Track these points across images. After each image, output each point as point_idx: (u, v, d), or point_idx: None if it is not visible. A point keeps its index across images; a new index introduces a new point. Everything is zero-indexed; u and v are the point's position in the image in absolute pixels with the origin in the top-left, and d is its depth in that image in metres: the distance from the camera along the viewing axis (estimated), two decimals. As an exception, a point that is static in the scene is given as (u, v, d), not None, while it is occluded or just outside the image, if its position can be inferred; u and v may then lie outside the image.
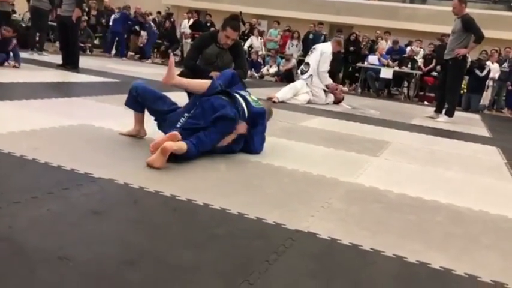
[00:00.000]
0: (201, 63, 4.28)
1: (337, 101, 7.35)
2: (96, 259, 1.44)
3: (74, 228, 1.63)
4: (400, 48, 11.44)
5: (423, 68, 10.99)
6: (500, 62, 10.76)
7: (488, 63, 10.32)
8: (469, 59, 8.67)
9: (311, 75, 7.05)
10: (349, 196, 2.47)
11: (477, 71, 10.01)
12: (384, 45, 11.93)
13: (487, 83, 10.48)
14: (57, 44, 9.67)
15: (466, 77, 9.75)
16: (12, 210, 1.70)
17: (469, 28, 6.45)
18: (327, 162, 3.23)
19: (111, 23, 12.77)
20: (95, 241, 1.56)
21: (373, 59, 11.19)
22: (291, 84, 7.25)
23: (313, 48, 7.36)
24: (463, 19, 6.49)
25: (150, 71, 9.21)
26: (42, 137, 2.86)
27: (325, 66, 7.11)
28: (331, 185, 2.62)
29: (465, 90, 10.22)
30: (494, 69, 10.41)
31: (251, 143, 3.07)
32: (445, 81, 6.84)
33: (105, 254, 1.48)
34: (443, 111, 6.97)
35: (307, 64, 7.19)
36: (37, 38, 9.47)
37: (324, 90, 7.20)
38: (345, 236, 1.86)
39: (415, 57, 11.15)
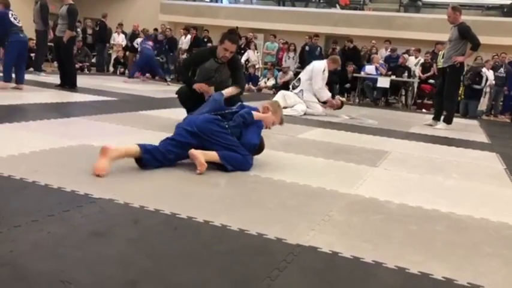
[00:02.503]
0: (199, 77, 4.33)
1: (336, 108, 7.45)
2: (98, 281, 1.44)
3: (75, 251, 1.63)
4: (398, 56, 11.52)
5: (421, 75, 11.03)
6: (496, 68, 10.82)
7: (484, 70, 10.37)
8: (467, 66, 8.75)
9: (301, 90, 7.15)
10: (350, 208, 2.47)
11: (475, 86, 10.08)
12: (383, 53, 12.01)
13: (484, 89, 10.53)
14: (55, 64, 9.76)
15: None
16: (13, 234, 1.70)
17: (466, 36, 6.51)
18: (327, 174, 3.23)
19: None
20: (97, 263, 1.56)
21: (370, 69, 11.25)
22: (280, 93, 7.31)
23: (308, 65, 7.48)
24: (459, 27, 6.55)
25: (148, 89, 9.27)
26: (42, 158, 2.87)
27: (318, 84, 7.15)
28: (332, 197, 2.63)
29: (462, 97, 10.27)
30: (490, 76, 10.48)
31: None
32: (443, 89, 6.88)
33: (107, 275, 1.48)
34: (442, 118, 7.00)
35: (299, 79, 7.32)
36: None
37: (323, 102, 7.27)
38: (347, 249, 1.86)
39: (408, 65, 11.22)
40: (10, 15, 6.44)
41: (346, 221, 2.24)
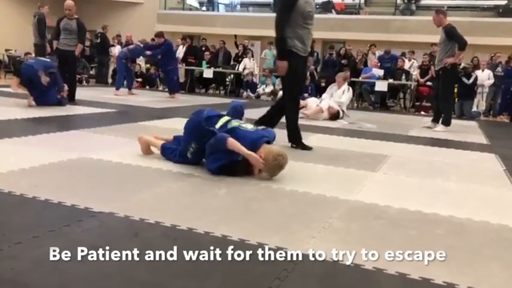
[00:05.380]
0: None
1: (331, 117, 7.42)
2: (99, 296, 1.44)
3: (76, 266, 1.63)
4: (391, 56, 11.53)
5: (419, 78, 11.00)
6: (492, 68, 10.83)
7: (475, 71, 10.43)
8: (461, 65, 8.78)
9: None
10: (350, 214, 2.47)
11: (464, 79, 10.11)
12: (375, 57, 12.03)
13: (477, 89, 10.57)
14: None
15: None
16: (14, 251, 1.71)
17: (452, 37, 6.57)
18: (326, 181, 3.24)
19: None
20: (98, 277, 1.56)
21: (377, 71, 11.19)
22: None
23: None
24: (446, 29, 6.63)
25: (146, 99, 9.28)
26: (42, 173, 2.88)
27: None
28: (331, 204, 2.63)
29: (457, 99, 10.29)
30: (484, 76, 10.51)
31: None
32: (440, 91, 6.93)
33: (108, 290, 1.49)
34: (440, 120, 7.02)
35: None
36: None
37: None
38: (347, 256, 1.86)
39: (406, 68, 11.23)
40: None
41: (346, 228, 2.25)
